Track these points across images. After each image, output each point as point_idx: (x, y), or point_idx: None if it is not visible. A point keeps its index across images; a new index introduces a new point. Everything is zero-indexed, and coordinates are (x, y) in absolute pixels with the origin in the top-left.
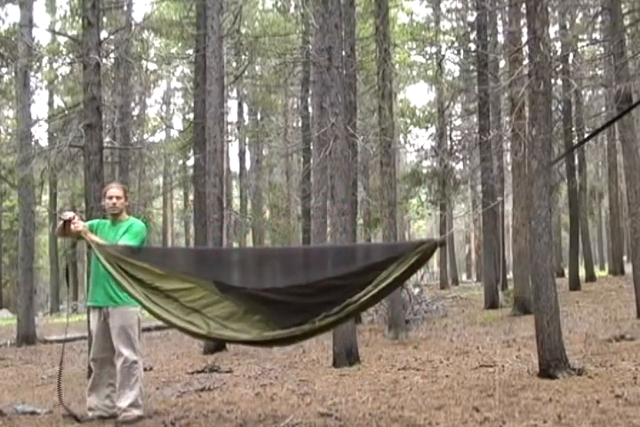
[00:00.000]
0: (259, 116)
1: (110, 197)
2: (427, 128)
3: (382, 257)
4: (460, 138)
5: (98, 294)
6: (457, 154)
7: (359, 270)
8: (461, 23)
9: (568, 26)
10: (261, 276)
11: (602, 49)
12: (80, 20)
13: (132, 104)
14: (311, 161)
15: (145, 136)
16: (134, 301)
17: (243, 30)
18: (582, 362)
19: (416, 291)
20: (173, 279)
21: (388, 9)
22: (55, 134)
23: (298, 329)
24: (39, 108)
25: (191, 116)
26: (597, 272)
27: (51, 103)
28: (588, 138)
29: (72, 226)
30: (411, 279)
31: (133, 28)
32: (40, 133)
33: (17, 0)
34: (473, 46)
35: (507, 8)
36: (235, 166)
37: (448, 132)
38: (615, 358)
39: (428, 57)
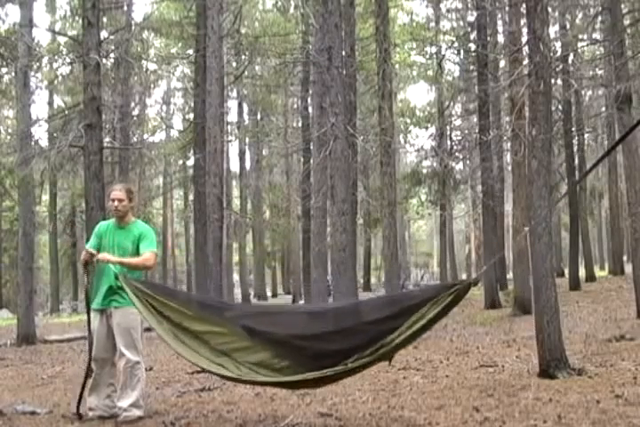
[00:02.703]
0: (259, 116)
1: (113, 200)
2: (427, 128)
3: (416, 300)
4: (460, 138)
5: (101, 295)
6: (457, 154)
7: (393, 314)
8: (461, 23)
9: (568, 26)
10: (290, 323)
11: (602, 49)
12: (80, 20)
13: (132, 104)
14: (311, 161)
15: (145, 136)
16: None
17: (243, 30)
18: (582, 362)
19: None
20: (202, 321)
21: (388, 9)
22: (55, 134)
23: (330, 370)
24: (39, 108)
25: (191, 116)
26: (597, 272)
27: (51, 103)
28: (614, 146)
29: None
30: (411, 279)
31: (133, 28)
32: (40, 133)
33: (17, 0)
34: (473, 46)
35: (507, 8)
36: (235, 166)
37: (448, 132)
38: (615, 358)
39: (428, 57)
